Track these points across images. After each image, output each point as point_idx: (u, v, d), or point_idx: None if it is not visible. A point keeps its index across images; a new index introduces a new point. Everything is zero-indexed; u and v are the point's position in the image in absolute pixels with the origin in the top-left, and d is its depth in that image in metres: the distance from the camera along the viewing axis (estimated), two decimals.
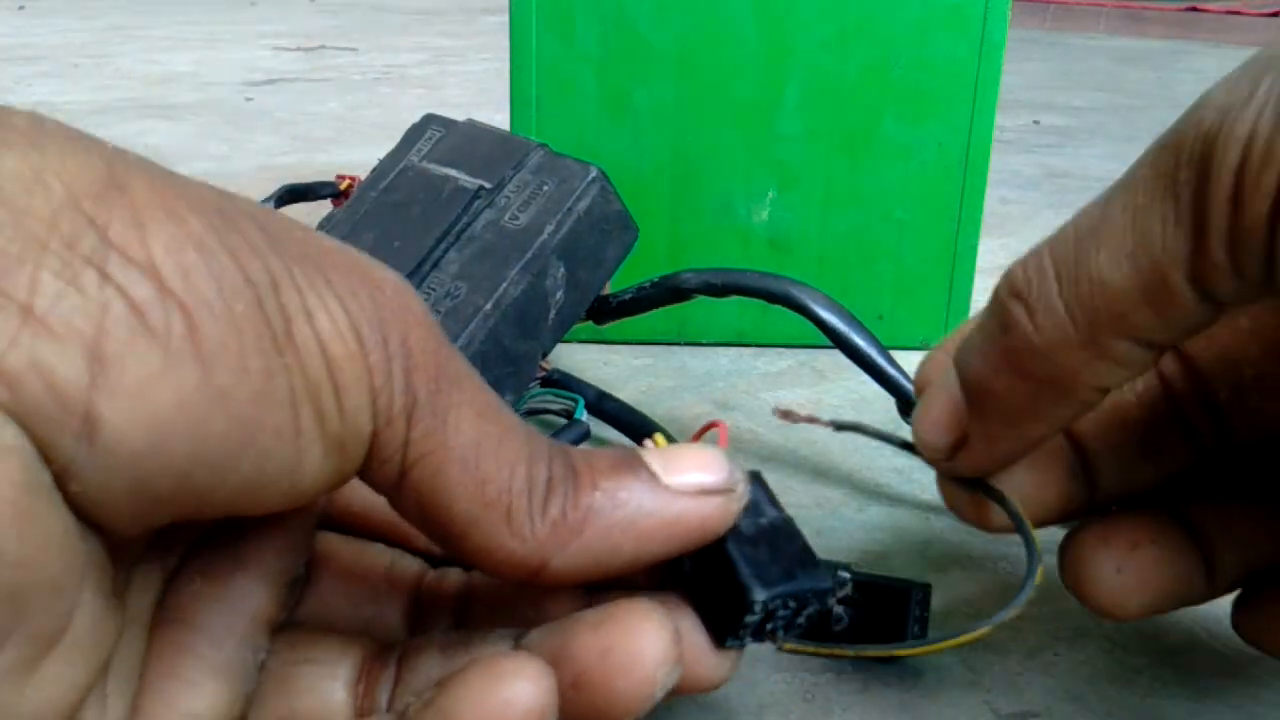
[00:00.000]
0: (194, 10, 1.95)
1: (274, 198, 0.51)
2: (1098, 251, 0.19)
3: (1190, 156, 0.18)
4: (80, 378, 0.14)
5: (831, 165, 0.48)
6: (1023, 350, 0.21)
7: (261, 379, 0.16)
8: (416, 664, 0.20)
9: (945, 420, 0.23)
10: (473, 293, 0.35)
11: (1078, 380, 0.20)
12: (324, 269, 0.17)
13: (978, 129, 0.47)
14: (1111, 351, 0.20)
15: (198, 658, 0.18)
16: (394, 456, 0.18)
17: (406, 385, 0.18)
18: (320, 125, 1.00)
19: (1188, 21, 2.08)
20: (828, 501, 0.37)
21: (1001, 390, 0.22)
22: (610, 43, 0.46)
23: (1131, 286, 0.19)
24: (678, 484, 0.20)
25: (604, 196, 0.37)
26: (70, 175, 0.15)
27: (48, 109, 0.19)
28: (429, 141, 0.41)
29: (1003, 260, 0.64)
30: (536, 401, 0.40)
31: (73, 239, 0.15)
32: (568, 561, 0.19)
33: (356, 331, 0.17)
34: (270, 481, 0.16)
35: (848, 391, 0.46)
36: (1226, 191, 0.18)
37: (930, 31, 0.46)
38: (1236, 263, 0.18)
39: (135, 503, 0.16)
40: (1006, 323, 0.21)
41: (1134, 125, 1.10)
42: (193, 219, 0.16)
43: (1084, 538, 0.25)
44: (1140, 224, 0.19)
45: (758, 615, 0.20)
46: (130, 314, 0.15)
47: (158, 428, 0.15)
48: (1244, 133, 0.17)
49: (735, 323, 0.50)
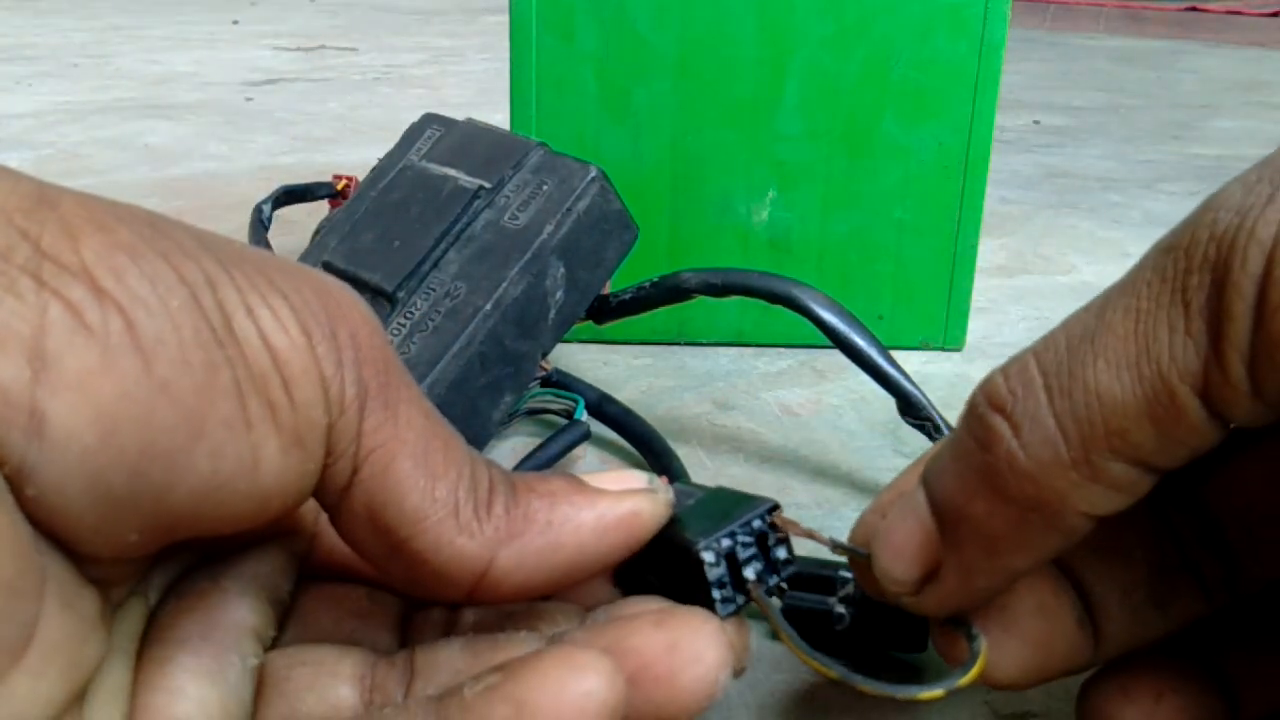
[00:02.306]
0: (194, 10, 1.95)
1: (271, 198, 0.51)
2: (1095, 361, 0.18)
3: (1204, 260, 0.17)
4: (22, 375, 0.15)
5: (831, 165, 0.48)
6: (1006, 470, 0.18)
7: (204, 371, 0.16)
8: (434, 660, 0.20)
9: (913, 549, 0.20)
10: (472, 293, 0.35)
11: (1066, 505, 0.18)
12: (265, 271, 0.17)
13: (978, 129, 0.47)
14: (1106, 474, 0.18)
15: (178, 666, 0.18)
16: (348, 449, 0.18)
17: (357, 376, 0.18)
18: (320, 125, 1.00)
19: (1188, 21, 2.08)
20: (828, 501, 0.37)
21: (980, 515, 0.19)
22: (610, 42, 0.46)
23: (1133, 400, 0.17)
24: (604, 486, 0.21)
25: (604, 196, 0.37)
26: (2, 195, 0.16)
27: (48, 109, 0.19)
28: (428, 141, 0.41)
29: (1003, 260, 0.64)
30: (536, 401, 0.40)
31: (6, 251, 0.15)
32: (511, 560, 0.19)
33: (302, 324, 0.17)
34: (229, 480, 0.17)
35: (848, 391, 0.46)
36: (1249, 301, 0.16)
37: (930, 31, 0.46)
38: (1257, 381, 0.16)
39: (94, 507, 0.16)
40: (987, 439, 0.19)
41: (1134, 125, 1.10)
42: (122, 229, 0.16)
43: (1104, 688, 0.23)
44: (1145, 331, 0.17)
45: (718, 565, 0.20)
46: (67, 314, 0.15)
47: (104, 420, 0.15)
48: (1268, 236, 0.16)
49: (735, 323, 0.50)
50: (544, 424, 0.42)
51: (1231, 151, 0.98)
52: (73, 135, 0.92)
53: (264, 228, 0.49)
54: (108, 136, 0.92)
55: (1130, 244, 0.68)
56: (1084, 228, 0.72)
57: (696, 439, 0.42)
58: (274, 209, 0.51)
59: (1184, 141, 1.02)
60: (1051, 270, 0.63)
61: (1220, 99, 1.27)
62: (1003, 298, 0.58)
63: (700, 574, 0.20)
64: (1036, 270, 0.63)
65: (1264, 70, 1.52)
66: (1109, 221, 0.74)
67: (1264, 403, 0.17)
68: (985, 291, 0.58)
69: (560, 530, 0.20)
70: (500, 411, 0.36)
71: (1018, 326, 0.54)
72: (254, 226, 0.49)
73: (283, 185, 0.52)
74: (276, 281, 0.17)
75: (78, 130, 0.94)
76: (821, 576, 0.28)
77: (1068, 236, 0.70)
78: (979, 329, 0.53)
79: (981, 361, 0.50)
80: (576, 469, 0.39)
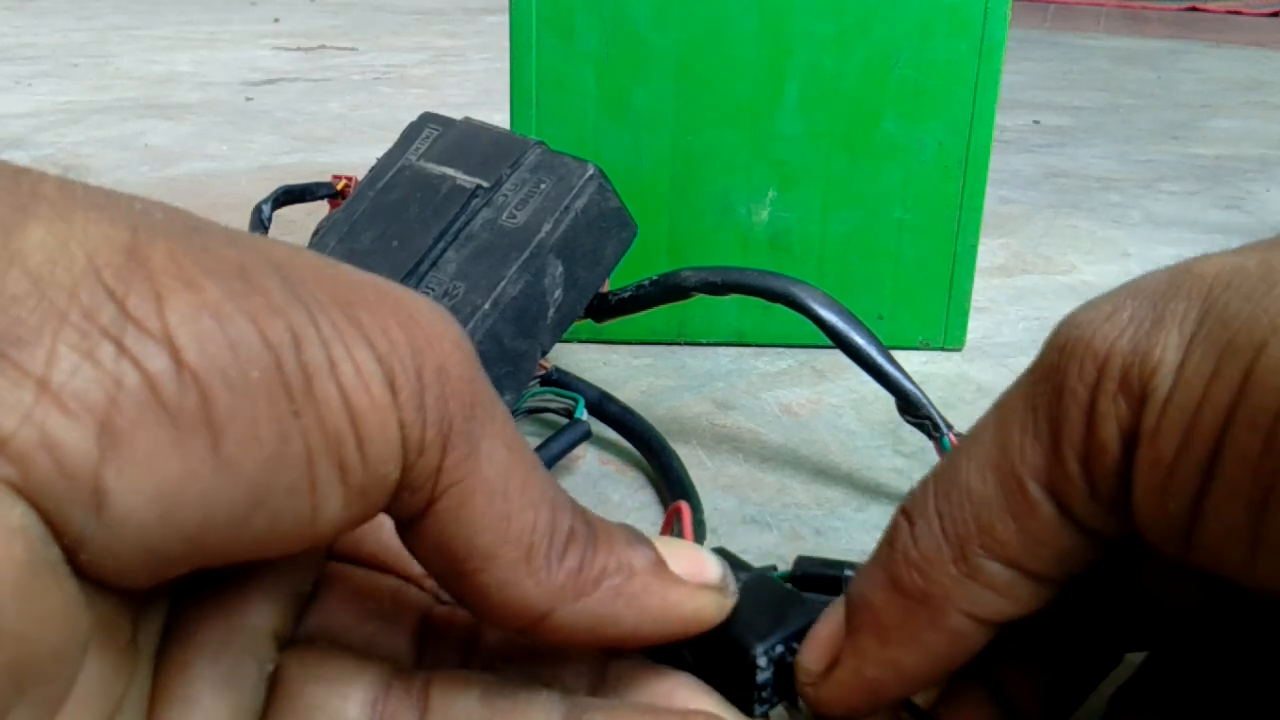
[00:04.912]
0: (194, 10, 1.95)
1: (271, 199, 0.51)
2: (967, 463, 0.20)
3: (1050, 370, 0.19)
4: (90, 452, 0.14)
5: (831, 165, 0.48)
6: (900, 563, 0.20)
7: (274, 442, 0.16)
8: (451, 700, 0.20)
9: (824, 640, 0.22)
10: (471, 291, 0.35)
11: (949, 601, 0.20)
12: (353, 310, 0.17)
13: (978, 129, 0.47)
14: (982, 573, 0.20)
15: (196, 675, 0.18)
16: (425, 485, 0.18)
17: (443, 414, 0.18)
18: (320, 125, 1.00)
19: (1188, 21, 2.09)
20: (828, 501, 0.37)
21: (878, 604, 0.21)
22: (610, 43, 0.46)
23: (994, 496, 0.19)
24: (681, 573, 0.21)
25: (602, 194, 0.37)
26: (93, 245, 0.15)
27: (48, 109, 0.19)
28: (426, 140, 0.41)
29: (1003, 260, 0.64)
30: (536, 400, 0.40)
31: (91, 310, 0.15)
32: (569, 617, 0.19)
33: (387, 373, 0.17)
34: (284, 534, 0.17)
35: (848, 391, 0.46)
36: (1082, 405, 0.18)
37: (930, 31, 0.46)
38: (1092, 481, 0.18)
39: (147, 565, 0.16)
40: (892, 534, 0.21)
41: (1134, 125, 1.10)
42: (210, 286, 0.16)
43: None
44: (1001, 435, 0.19)
45: (767, 670, 0.21)
46: (143, 386, 0.15)
47: (165, 499, 0.15)
48: (1102, 349, 0.18)
49: (735, 323, 0.50)
50: (544, 423, 0.42)
51: (1231, 151, 0.98)
52: (73, 135, 0.92)
53: (264, 228, 0.49)
54: (108, 136, 0.92)
55: (1130, 244, 0.68)
56: (1084, 228, 0.72)
57: (696, 439, 0.42)
58: (274, 209, 0.51)
59: (1184, 141, 1.02)
60: (1051, 270, 0.63)
61: (1220, 99, 1.27)
62: (1003, 298, 0.58)
63: (749, 675, 0.21)
64: (1036, 270, 0.63)
65: (1264, 70, 1.52)
66: (1109, 221, 0.74)
67: (1101, 505, 0.18)
68: (985, 291, 0.58)
69: (626, 606, 0.20)
70: None
71: (1018, 326, 0.54)
72: (254, 227, 0.49)
73: (283, 185, 0.52)
74: (364, 326, 0.17)
75: (78, 130, 0.94)
76: (828, 576, 0.28)
77: (1068, 236, 0.70)
78: (979, 329, 0.53)
79: (981, 361, 0.50)
80: (576, 468, 0.39)
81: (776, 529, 0.35)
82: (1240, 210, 0.77)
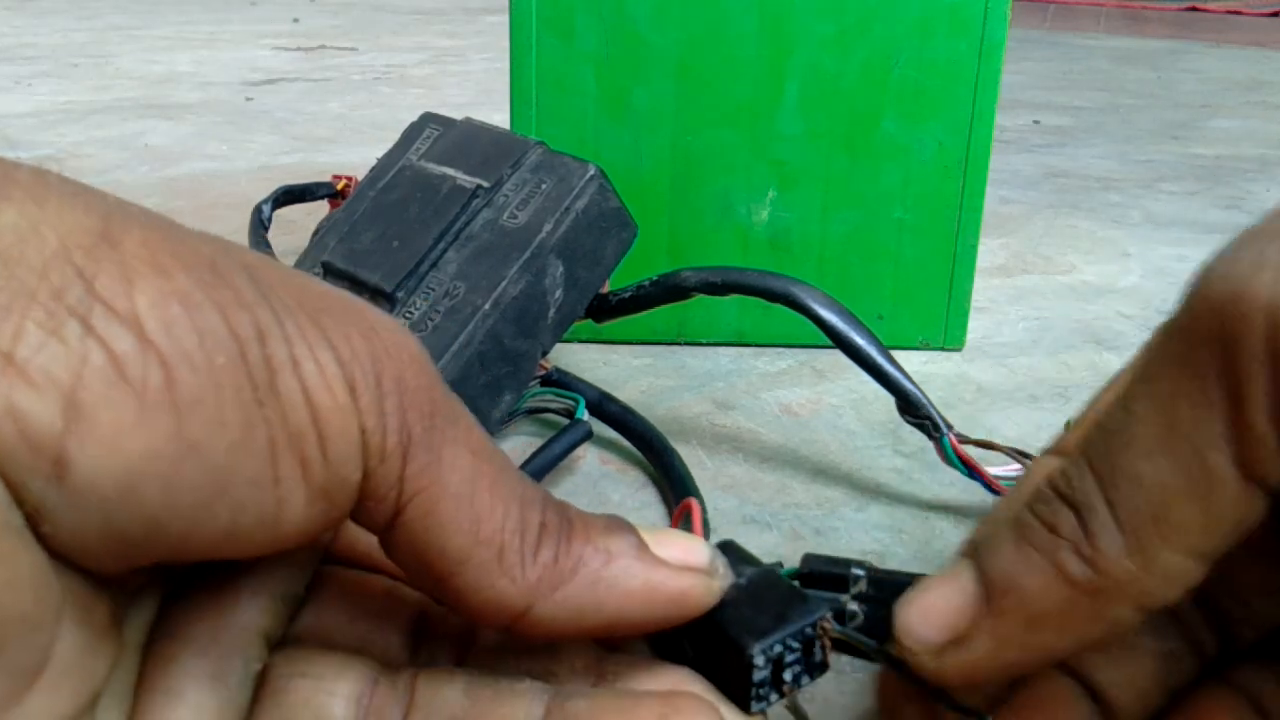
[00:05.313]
0: (194, 10, 1.95)
1: (271, 199, 0.51)
2: (1131, 450, 0.19)
3: (1209, 333, 0.18)
4: (54, 424, 0.15)
5: (831, 165, 0.48)
6: (1068, 553, 0.19)
7: (238, 429, 0.16)
8: (436, 694, 0.20)
9: (944, 613, 0.21)
10: (471, 292, 0.35)
11: (1122, 594, 0.19)
12: (317, 315, 0.17)
13: (978, 129, 0.47)
14: (1160, 563, 0.19)
15: (182, 669, 0.18)
16: (389, 494, 0.18)
17: (402, 423, 0.18)
18: (320, 125, 1.00)
19: (1188, 21, 2.09)
20: (828, 501, 0.37)
21: (1032, 590, 0.20)
22: (610, 43, 0.46)
23: (1167, 480, 0.18)
24: (663, 555, 0.20)
25: (602, 194, 0.37)
26: (65, 228, 0.16)
27: (48, 108, 0.19)
28: (427, 140, 0.41)
29: (1003, 260, 0.64)
30: (537, 400, 0.40)
31: (60, 290, 0.15)
32: (549, 609, 0.19)
33: (347, 378, 0.17)
34: (248, 529, 0.17)
35: (848, 391, 0.46)
36: (1260, 358, 0.17)
37: (930, 31, 0.46)
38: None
39: (109, 545, 0.16)
40: (1052, 523, 0.20)
41: (1134, 125, 1.10)
42: (180, 274, 0.16)
43: None
44: (1165, 414, 0.18)
45: (764, 669, 0.20)
46: (109, 365, 0.15)
47: (128, 475, 0.15)
48: (1264, 298, 0.17)
49: (735, 323, 0.50)
50: (544, 423, 0.42)
51: (1231, 151, 0.98)
52: (73, 135, 0.92)
53: (264, 228, 0.49)
54: (108, 136, 0.92)
55: (1130, 244, 0.68)
56: (1084, 228, 0.72)
57: (696, 439, 0.42)
58: (274, 209, 0.51)
59: (1184, 141, 1.02)
60: (1051, 270, 0.63)
61: (1220, 99, 1.27)
62: (1003, 298, 0.58)
63: (745, 673, 0.20)
64: (1036, 270, 0.63)
65: (1264, 70, 1.52)
66: (1109, 221, 0.74)
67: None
68: (985, 291, 0.58)
69: (607, 591, 0.19)
70: (500, 410, 0.36)
71: (1018, 326, 0.54)
72: (254, 226, 0.49)
73: (282, 185, 0.52)
74: (327, 330, 0.17)
75: (78, 130, 0.94)
76: (835, 574, 0.28)
77: (1068, 236, 0.70)
78: (979, 329, 0.53)
79: (981, 361, 0.50)
80: (577, 468, 0.39)
81: (776, 529, 0.35)
82: (1240, 210, 0.77)
